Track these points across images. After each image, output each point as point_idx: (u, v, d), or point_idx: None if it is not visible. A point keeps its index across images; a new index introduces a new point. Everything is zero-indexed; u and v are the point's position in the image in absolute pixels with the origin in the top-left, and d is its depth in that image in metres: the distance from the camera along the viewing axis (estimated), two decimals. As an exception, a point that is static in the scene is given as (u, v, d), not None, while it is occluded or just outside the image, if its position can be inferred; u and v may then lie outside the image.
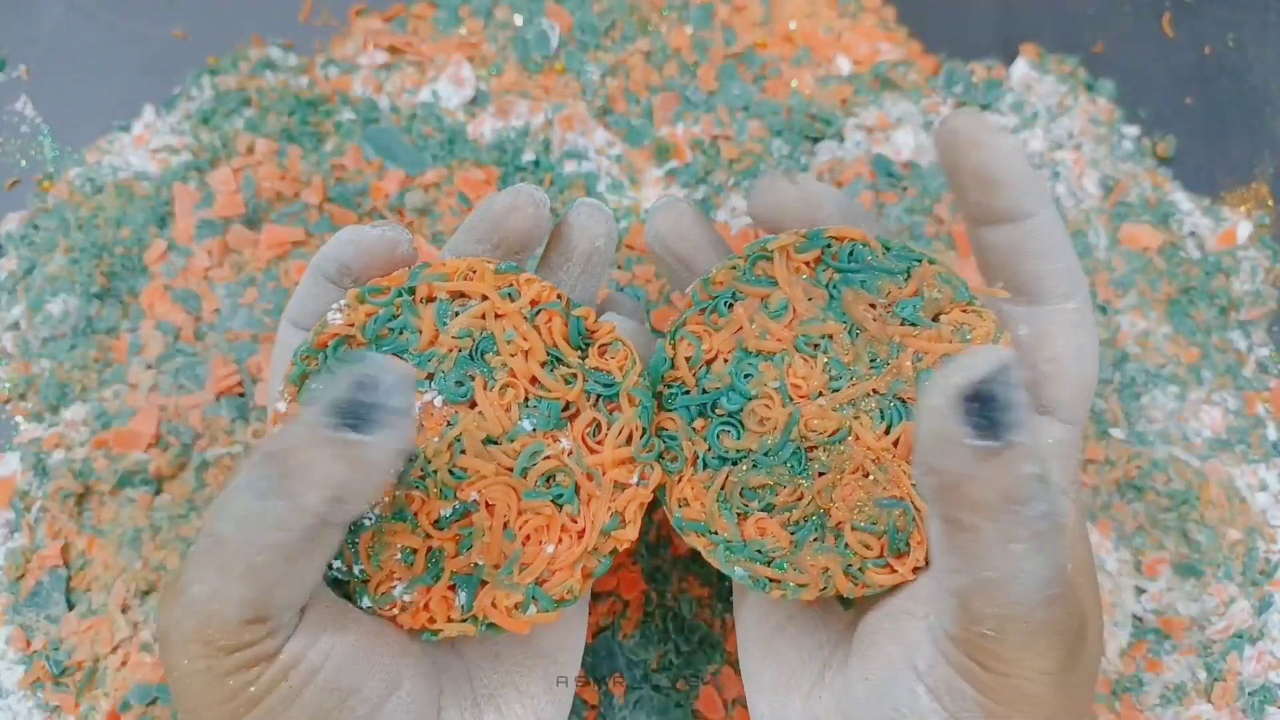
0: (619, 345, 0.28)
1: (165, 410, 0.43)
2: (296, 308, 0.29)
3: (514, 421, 0.27)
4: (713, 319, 0.28)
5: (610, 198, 0.48)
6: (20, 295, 0.45)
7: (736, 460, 0.27)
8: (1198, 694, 0.40)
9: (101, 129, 0.49)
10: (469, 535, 0.26)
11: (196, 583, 0.23)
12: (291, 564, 0.23)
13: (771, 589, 0.27)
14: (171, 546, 0.41)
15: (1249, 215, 0.48)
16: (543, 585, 0.26)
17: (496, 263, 0.28)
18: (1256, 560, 0.42)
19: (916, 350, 0.26)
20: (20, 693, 0.39)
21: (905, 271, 0.27)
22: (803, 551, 0.27)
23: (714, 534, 0.27)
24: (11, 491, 0.42)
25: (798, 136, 0.50)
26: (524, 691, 0.29)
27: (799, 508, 0.27)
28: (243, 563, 0.22)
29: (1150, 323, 0.46)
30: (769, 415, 0.27)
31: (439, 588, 0.26)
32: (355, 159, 0.47)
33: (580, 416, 0.27)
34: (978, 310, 0.27)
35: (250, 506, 0.22)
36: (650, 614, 0.41)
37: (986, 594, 0.22)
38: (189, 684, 0.23)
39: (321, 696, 0.24)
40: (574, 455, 0.27)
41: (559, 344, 0.27)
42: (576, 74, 0.51)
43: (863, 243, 0.27)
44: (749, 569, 0.27)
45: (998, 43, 0.53)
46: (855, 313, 0.27)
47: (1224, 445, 0.44)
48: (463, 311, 0.27)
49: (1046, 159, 0.49)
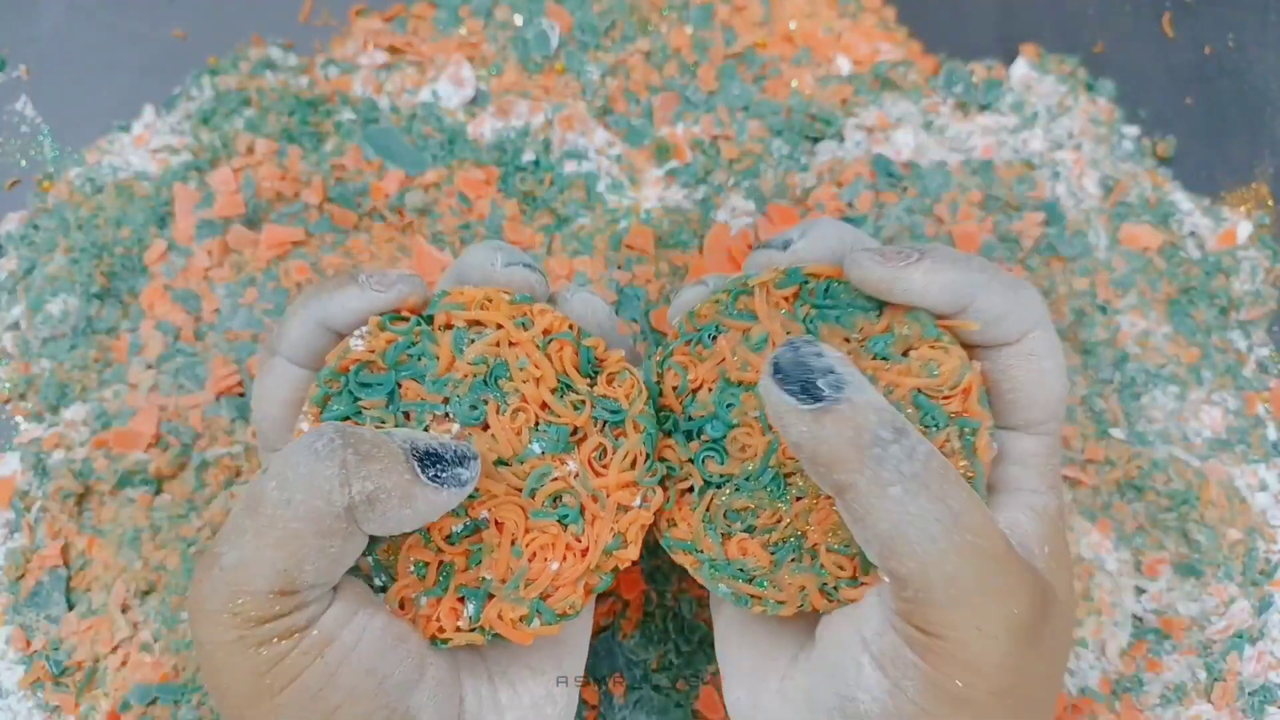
0: (626, 374, 0.29)
1: (165, 410, 0.43)
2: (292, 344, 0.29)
3: (524, 444, 0.28)
4: (698, 350, 0.30)
5: (610, 198, 0.48)
6: (20, 295, 0.45)
7: (720, 484, 0.29)
8: (1198, 694, 0.40)
9: (101, 129, 0.49)
10: (478, 551, 0.28)
11: (229, 550, 0.24)
12: (323, 539, 0.24)
13: (753, 605, 0.28)
14: (171, 546, 0.41)
15: (1249, 215, 0.48)
16: (546, 600, 0.28)
17: (512, 293, 0.29)
18: (1256, 560, 0.42)
19: (887, 384, 0.27)
20: (20, 693, 0.39)
21: (878, 308, 0.28)
22: (781, 571, 0.28)
23: (700, 553, 0.29)
24: (11, 491, 0.42)
25: (798, 136, 0.50)
26: (535, 669, 0.29)
27: (778, 530, 0.28)
28: (278, 529, 0.24)
29: (1150, 323, 0.46)
30: (750, 443, 0.28)
31: (448, 599, 0.27)
32: (355, 159, 0.47)
33: (587, 441, 0.28)
34: (944, 346, 0.28)
35: (302, 466, 0.24)
36: (650, 614, 0.41)
37: (892, 550, 0.24)
38: (220, 657, 0.24)
39: (358, 678, 0.25)
40: (580, 478, 0.28)
41: (569, 372, 0.29)
42: (576, 74, 0.51)
43: (838, 279, 0.29)
44: (732, 586, 0.28)
45: (998, 43, 0.53)
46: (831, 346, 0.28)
47: (1224, 445, 0.44)
48: (478, 339, 0.28)
49: (1046, 159, 0.49)
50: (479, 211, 0.47)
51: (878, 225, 0.47)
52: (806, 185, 0.48)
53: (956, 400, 0.27)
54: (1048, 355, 0.28)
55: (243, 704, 0.24)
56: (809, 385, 0.24)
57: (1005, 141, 0.50)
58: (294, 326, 0.28)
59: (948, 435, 0.27)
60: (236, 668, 0.24)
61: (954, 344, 0.28)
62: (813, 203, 0.48)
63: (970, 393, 0.27)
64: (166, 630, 0.40)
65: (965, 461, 0.27)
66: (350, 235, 0.47)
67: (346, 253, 0.47)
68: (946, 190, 0.48)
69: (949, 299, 0.27)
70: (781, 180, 0.48)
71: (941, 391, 0.27)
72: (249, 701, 0.24)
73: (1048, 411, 0.28)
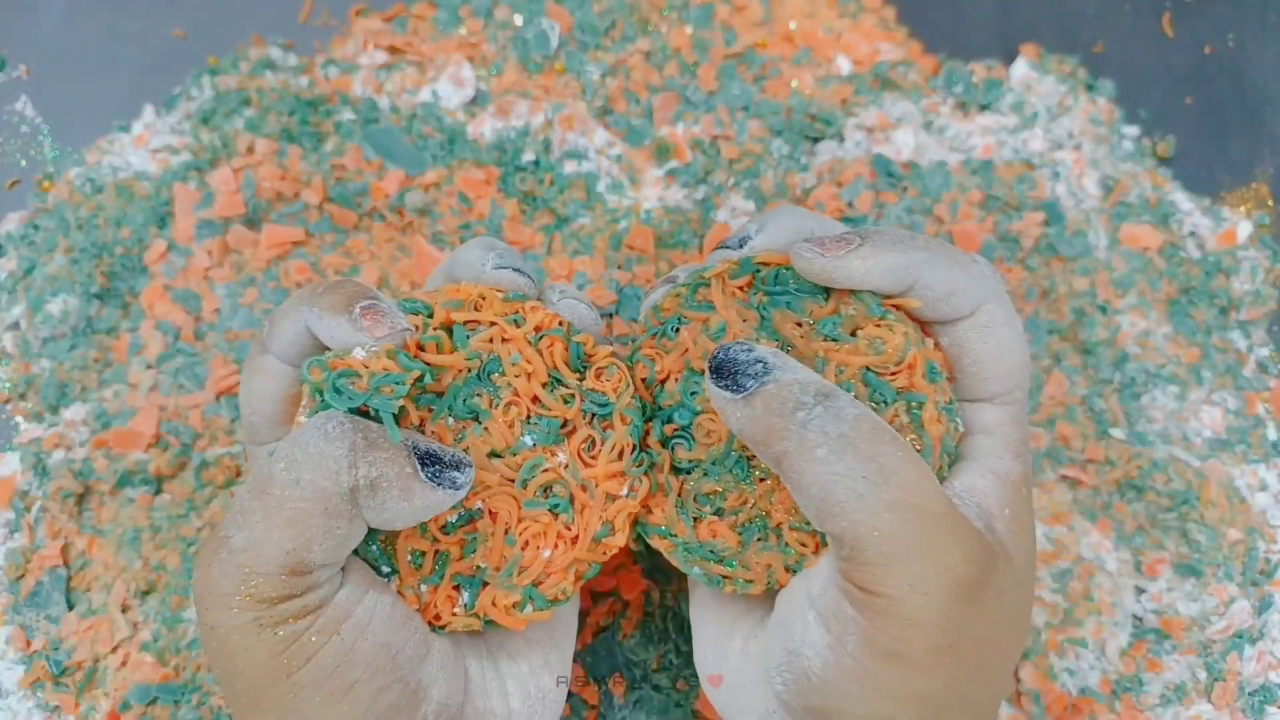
0: (614, 369, 0.30)
1: (165, 410, 0.43)
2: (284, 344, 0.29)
3: (516, 437, 0.29)
4: (663, 343, 0.31)
5: (610, 198, 0.48)
6: (20, 295, 0.45)
7: (689, 470, 0.30)
8: (1198, 694, 0.40)
9: (101, 129, 0.49)
10: (473, 540, 0.28)
11: (237, 533, 0.24)
12: (329, 519, 0.24)
13: (724, 585, 0.29)
14: (171, 546, 0.41)
15: (1249, 215, 0.48)
16: (538, 586, 0.29)
17: (505, 291, 0.30)
18: (1256, 560, 0.42)
19: (838, 363, 0.28)
20: (20, 693, 0.39)
21: (825, 292, 0.29)
22: (749, 551, 0.29)
23: (674, 536, 0.30)
24: (11, 491, 0.42)
25: (798, 136, 0.50)
26: (529, 639, 0.31)
27: (744, 511, 0.29)
28: (287, 509, 0.24)
29: (1150, 323, 0.46)
30: (714, 428, 0.29)
31: (444, 587, 0.28)
32: (355, 159, 0.47)
33: (577, 433, 0.29)
34: (889, 325, 0.29)
35: (312, 446, 0.24)
36: (650, 614, 0.41)
37: (825, 511, 0.25)
38: (234, 642, 0.24)
39: (375, 653, 0.25)
40: (570, 468, 0.29)
41: (559, 367, 0.30)
42: (576, 74, 0.51)
43: (787, 266, 0.30)
44: (704, 568, 0.29)
45: (998, 43, 0.53)
46: (784, 331, 0.29)
47: (1224, 445, 0.44)
48: (473, 335, 0.29)
49: (1046, 159, 0.49)
50: (479, 211, 0.47)
51: (877, 225, 0.47)
52: (806, 185, 0.48)
53: (903, 376, 0.28)
54: (1002, 326, 0.29)
55: (260, 686, 0.25)
56: (740, 377, 0.26)
57: (1005, 141, 0.50)
58: (286, 327, 0.29)
59: (896, 410, 0.28)
60: (252, 650, 0.24)
61: (900, 321, 0.29)
62: (813, 203, 0.48)
63: (915, 367, 0.28)
64: (166, 630, 0.40)
65: (914, 435, 0.28)
66: (350, 235, 0.47)
67: (346, 253, 0.47)
68: (946, 190, 0.48)
69: (891, 281, 0.28)
70: (781, 180, 0.49)
71: (888, 368, 0.28)
72: (267, 682, 0.24)
73: (1010, 381, 0.29)
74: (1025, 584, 0.28)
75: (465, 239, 0.47)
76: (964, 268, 0.28)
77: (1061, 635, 0.41)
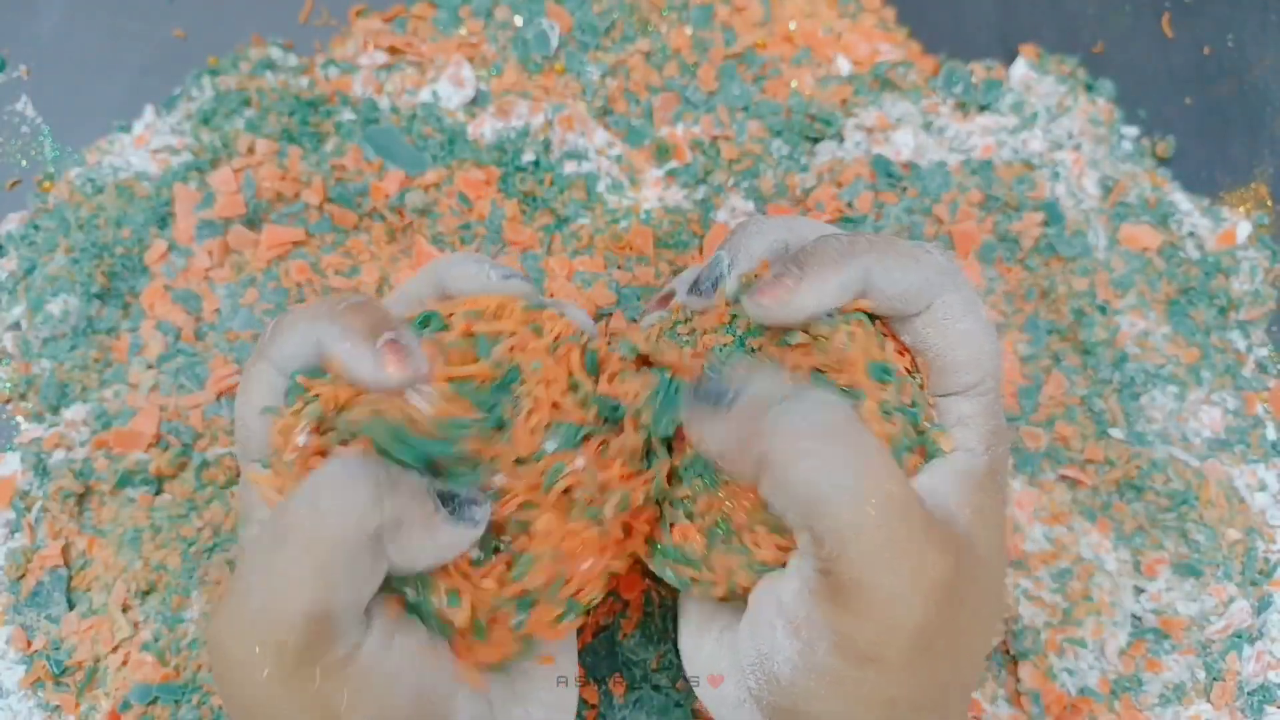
0: (626, 375, 0.31)
1: (165, 410, 0.43)
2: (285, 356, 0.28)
3: (539, 443, 0.29)
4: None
5: (610, 198, 0.48)
6: (20, 295, 0.45)
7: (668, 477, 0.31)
8: (1197, 694, 0.40)
9: (101, 129, 0.49)
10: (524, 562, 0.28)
11: (255, 591, 0.24)
12: (354, 563, 0.24)
13: (692, 586, 0.30)
14: (172, 546, 0.41)
15: (1248, 215, 0.48)
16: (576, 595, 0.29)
17: (524, 300, 0.31)
18: (1256, 560, 0.42)
19: (793, 366, 0.29)
20: (21, 693, 0.39)
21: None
22: (713, 553, 0.29)
23: (651, 540, 0.31)
24: (12, 491, 0.42)
25: (797, 137, 0.50)
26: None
27: (710, 514, 0.29)
28: (310, 560, 0.23)
29: (1150, 323, 0.46)
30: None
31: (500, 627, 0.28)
32: (355, 159, 0.47)
33: (593, 437, 0.30)
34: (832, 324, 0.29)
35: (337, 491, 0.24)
36: (650, 614, 0.41)
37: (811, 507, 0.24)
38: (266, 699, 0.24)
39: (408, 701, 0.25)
40: (588, 471, 0.29)
41: (577, 373, 0.30)
42: (576, 74, 0.51)
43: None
44: (674, 570, 0.30)
45: (997, 43, 0.53)
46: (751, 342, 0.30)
47: (1223, 445, 0.44)
48: (494, 345, 0.30)
49: (1046, 159, 0.49)
50: (479, 212, 0.47)
51: (877, 226, 0.47)
52: (806, 185, 0.48)
53: (845, 374, 0.28)
54: (962, 316, 0.28)
55: None
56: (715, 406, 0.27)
57: (1005, 142, 0.50)
58: (291, 340, 0.28)
59: None
60: (286, 705, 0.24)
61: (847, 321, 0.29)
62: (812, 203, 0.48)
63: (855, 364, 0.28)
64: (167, 630, 0.40)
65: None
66: (350, 235, 0.47)
67: (346, 253, 0.47)
68: (946, 190, 0.48)
69: (845, 296, 0.28)
70: (781, 180, 0.49)
71: (831, 367, 0.28)
72: None
73: (980, 371, 0.29)
74: (993, 578, 0.28)
75: (465, 239, 0.47)
76: (915, 261, 0.28)
77: (1061, 635, 0.41)
